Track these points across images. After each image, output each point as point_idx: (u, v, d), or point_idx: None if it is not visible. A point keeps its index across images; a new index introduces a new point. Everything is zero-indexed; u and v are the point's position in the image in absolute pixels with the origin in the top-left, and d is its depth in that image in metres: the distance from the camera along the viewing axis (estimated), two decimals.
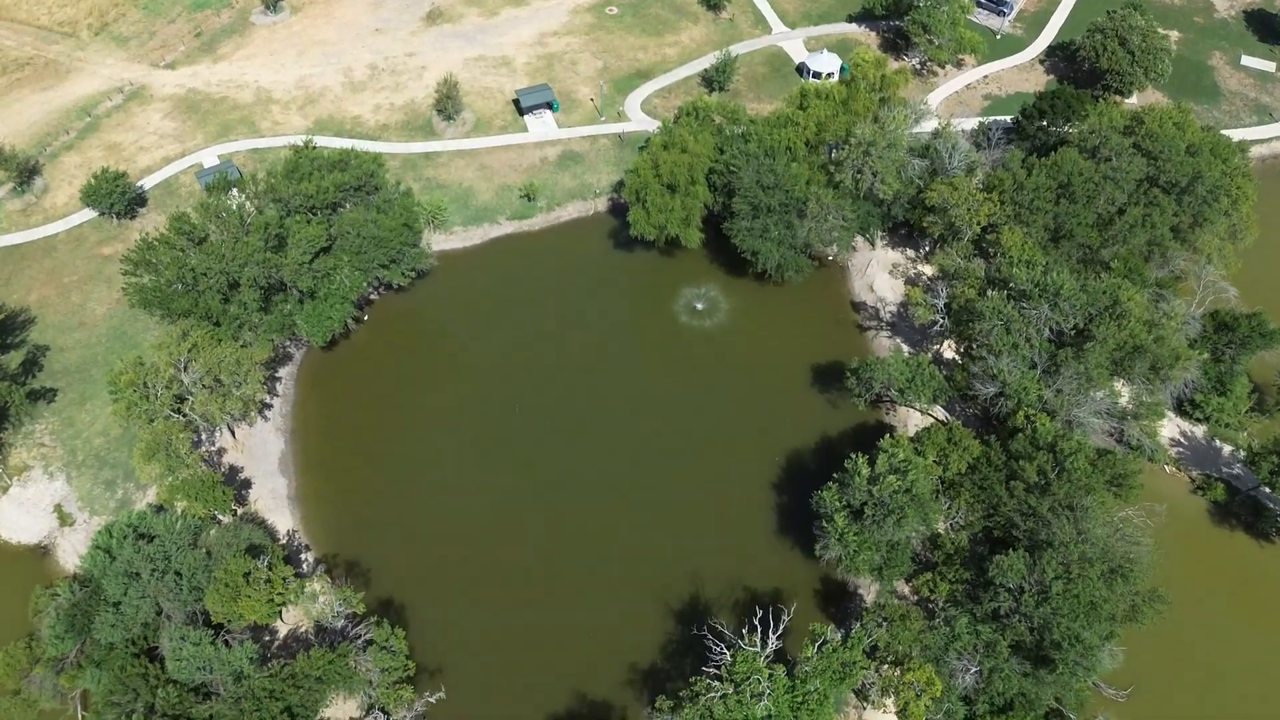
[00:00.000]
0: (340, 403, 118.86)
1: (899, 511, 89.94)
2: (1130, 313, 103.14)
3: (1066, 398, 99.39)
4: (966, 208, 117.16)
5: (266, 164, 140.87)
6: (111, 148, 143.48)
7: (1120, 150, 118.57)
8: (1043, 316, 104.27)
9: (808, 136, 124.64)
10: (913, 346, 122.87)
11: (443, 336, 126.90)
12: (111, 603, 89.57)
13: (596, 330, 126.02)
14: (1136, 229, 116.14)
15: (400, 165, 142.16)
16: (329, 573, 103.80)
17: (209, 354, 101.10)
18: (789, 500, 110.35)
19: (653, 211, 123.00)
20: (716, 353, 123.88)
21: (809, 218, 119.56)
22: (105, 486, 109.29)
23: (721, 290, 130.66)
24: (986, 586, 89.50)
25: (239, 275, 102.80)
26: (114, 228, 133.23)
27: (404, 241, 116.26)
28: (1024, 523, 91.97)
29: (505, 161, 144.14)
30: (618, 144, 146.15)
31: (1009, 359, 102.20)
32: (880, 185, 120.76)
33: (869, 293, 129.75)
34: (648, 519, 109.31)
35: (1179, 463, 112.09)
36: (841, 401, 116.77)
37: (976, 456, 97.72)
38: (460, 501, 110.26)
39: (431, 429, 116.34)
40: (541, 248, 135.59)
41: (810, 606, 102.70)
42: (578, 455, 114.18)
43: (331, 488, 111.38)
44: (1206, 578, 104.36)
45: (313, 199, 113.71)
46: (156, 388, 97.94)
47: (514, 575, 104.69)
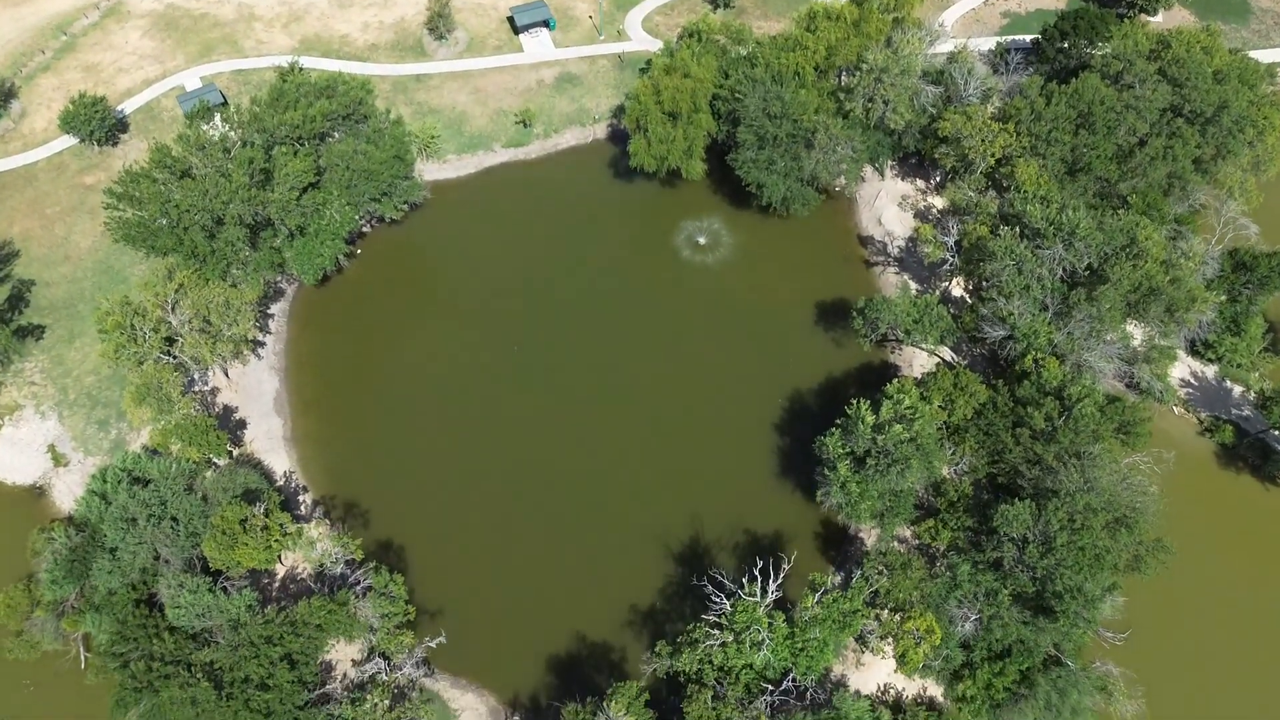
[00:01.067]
0: (335, 339, 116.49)
1: (903, 461, 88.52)
2: (1147, 252, 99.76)
3: (1077, 341, 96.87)
4: (980, 139, 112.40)
5: (251, 86, 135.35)
6: (89, 69, 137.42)
7: (1144, 77, 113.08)
8: (1056, 256, 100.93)
9: (817, 61, 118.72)
10: (921, 284, 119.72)
11: (438, 271, 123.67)
12: (108, 549, 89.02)
13: (595, 265, 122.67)
14: (1157, 162, 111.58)
15: (390, 89, 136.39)
16: (327, 514, 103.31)
17: (196, 294, 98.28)
18: (791, 442, 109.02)
19: (654, 142, 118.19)
20: (718, 289, 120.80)
21: (817, 149, 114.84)
22: (98, 426, 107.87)
23: (724, 223, 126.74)
24: (990, 535, 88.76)
25: (223, 213, 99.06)
26: (95, 155, 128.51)
27: (395, 174, 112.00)
28: (1029, 471, 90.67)
29: (500, 84, 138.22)
30: (618, 65, 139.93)
31: (1019, 301, 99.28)
32: (892, 115, 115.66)
33: (877, 226, 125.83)
34: (647, 460, 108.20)
35: (1188, 404, 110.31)
36: (846, 340, 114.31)
37: (983, 402, 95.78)
38: (458, 440, 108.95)
39: (428, 366, 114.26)
40: (538, 178, 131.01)
41: (811, 550, 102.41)
42: (577, 394, 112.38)
43: (328, 427, 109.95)
44: (1210, 521, 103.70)
45: (299, 129, 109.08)
46: (144, 330, 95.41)
47: (513, 516, 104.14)
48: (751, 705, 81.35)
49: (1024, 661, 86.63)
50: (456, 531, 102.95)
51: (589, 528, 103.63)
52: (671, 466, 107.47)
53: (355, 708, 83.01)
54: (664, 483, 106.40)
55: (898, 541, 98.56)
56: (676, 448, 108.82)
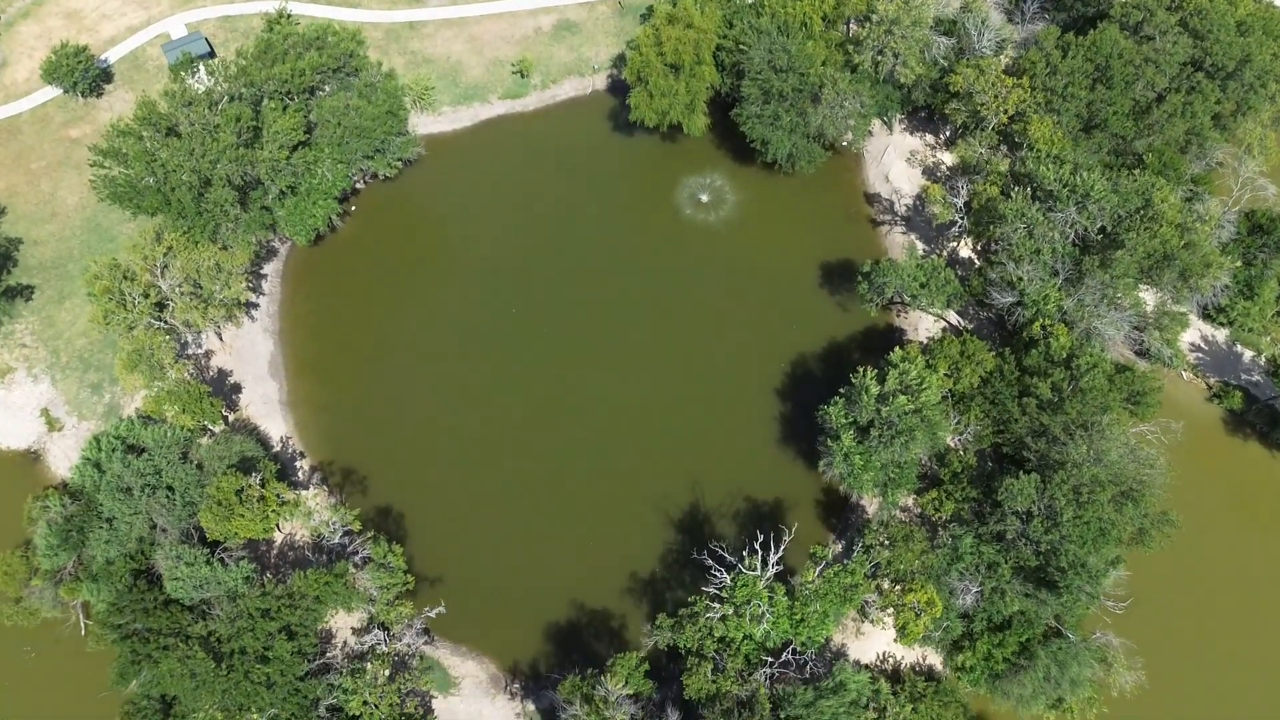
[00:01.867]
0: (329, 300, 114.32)
1: (907, 433, 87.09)
2: (1163, 215, 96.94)
3: (1087, 308, 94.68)
4: (993, 94, 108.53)
5: (238, 34, 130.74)
6: (71, 15, 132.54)
7: (1165, 28, 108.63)
8: (1069, 220, 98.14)
9: (825, 10, 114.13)
10: (928, 244, 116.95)
11: (433, 229, 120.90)
12: (105, 518, 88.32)
13: (595, 223, 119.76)
14: (1175, 118, 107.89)
15: (383, 37, 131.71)
16: (325, 481, 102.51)
17: (186, 257, 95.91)
18: (793, 407, 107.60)
19: (655, 95, 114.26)
20: (720, 249, 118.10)
21: (824, 104, 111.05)
22: (91, 390, 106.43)
23: (727, 179, 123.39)
24: (994, 507, 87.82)
25: (210, 173, 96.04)
26: (80, 107, 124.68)
27: (389, 130, 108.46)
28: (1035, 442, 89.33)
29: (496, 32, 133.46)
30: (618, 12, 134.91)
31: (1029, 266, 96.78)
32: (902, 69, 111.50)
33: (884, 183, 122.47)
34: (648, 424, 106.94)
35: (1197, 369, 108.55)
36: (851, 303, 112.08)
37: (989, 370, 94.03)
38: (456, 404, 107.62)
39: (425, 327, 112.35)
40: (535, 131, 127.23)
41: (812, 517, 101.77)
42: (576, 356, 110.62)
43: (324, 391, 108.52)
44: (1215, 488, 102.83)
45: (288, 83, 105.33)
46: (134, 296, 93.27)
47: (512, 481, 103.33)
48: (751, 677, 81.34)
49: (1024, 633, 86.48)
50: (456, 497, 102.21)
51: (589, 493, 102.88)
52: (672, 431, 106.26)
53: (355, 679, 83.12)
54: (664, 448, 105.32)
55: (899, 509, 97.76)
56: (677, 412, 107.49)
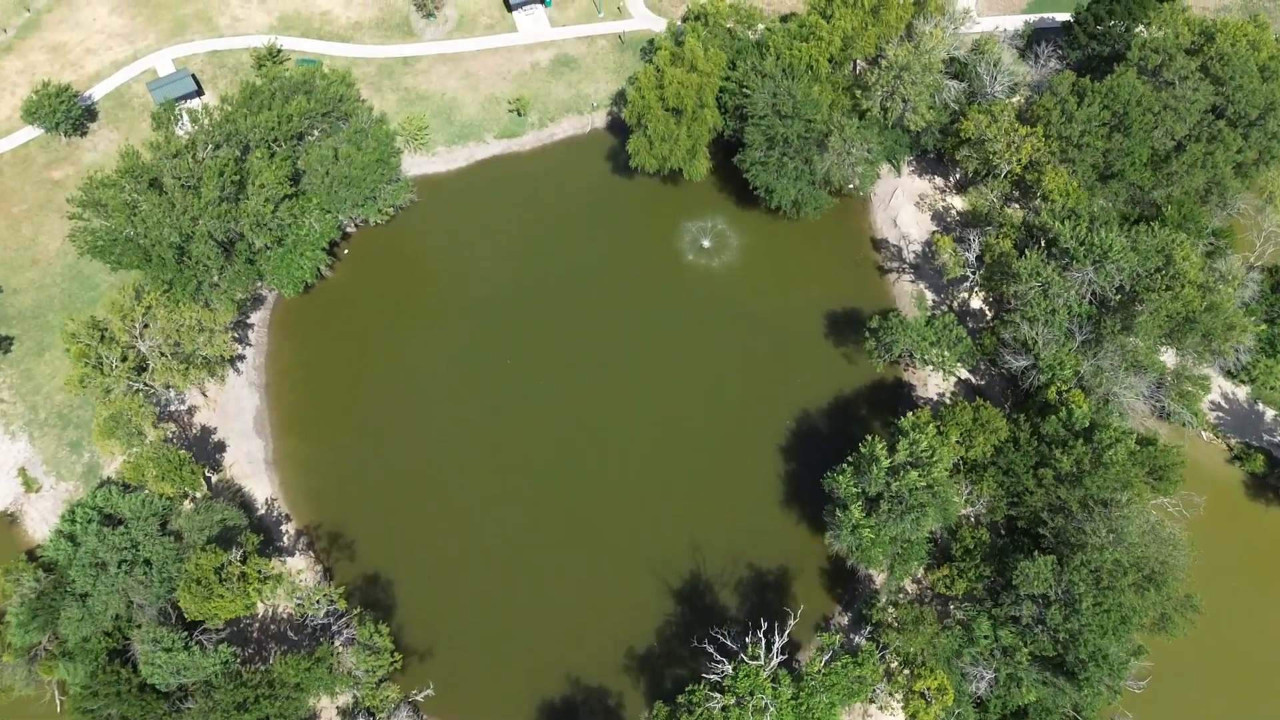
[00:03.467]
0: (318, 351, 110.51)
1: (919, 510, 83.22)
2: (1184, 275, 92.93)
3: (1106, 375, 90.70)
4: (1006, 143, 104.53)
5: (227, 69, 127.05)
6: (56, 49, 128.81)
7: (1185, 74, 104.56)
8: (1086, 279, 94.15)
9: (832, 52, 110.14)
10: (938, 294, 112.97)
11: (426, 276, 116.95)
12: (78, 594, 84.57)
13: (593, 270, 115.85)
14: (1195, 169, 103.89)
15: (375, 72, 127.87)
16: (311, 546, 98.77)
17: (166, 318, 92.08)
18: (798, 466, 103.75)
19: (655, 141, 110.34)
20: (724, 297, 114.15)
21: (830, 151, 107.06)
22: (70, 448, 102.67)
23: (730, 223, 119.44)
24: (1008, 588, 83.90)
25: (192, 230, 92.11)
26: (63, 147, 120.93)
27: (380, 178, 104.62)
28: (1052, 519, 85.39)
29: (492, 68, 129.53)
30: (618, 46, 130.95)
31: (1044, 327, 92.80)
32: (911, 115, 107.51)
33: (892, 228, 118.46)
34: (647, 483, 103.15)
35: (1217, 428, 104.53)
36: (858, 355, 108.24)
37: (1004, 439, 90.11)
38: (447, 463, 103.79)
39: (416, 381, 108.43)
40: (532, 172, 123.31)
41: (817, 585, 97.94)
42: (572, 411, 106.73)
43: (311, 449, 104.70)
44: (1236, 557, 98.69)
45: (274, 130, 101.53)
46: (111, 360, 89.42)
47: (506, 546, 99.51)
48: None
49: None
50: (446, 562, 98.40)
51: (585, 559, 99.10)
52: (673, 492, 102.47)
53: None
54: (665, 509, 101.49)
55: (910, 580, 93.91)
56: (678, 471, 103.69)
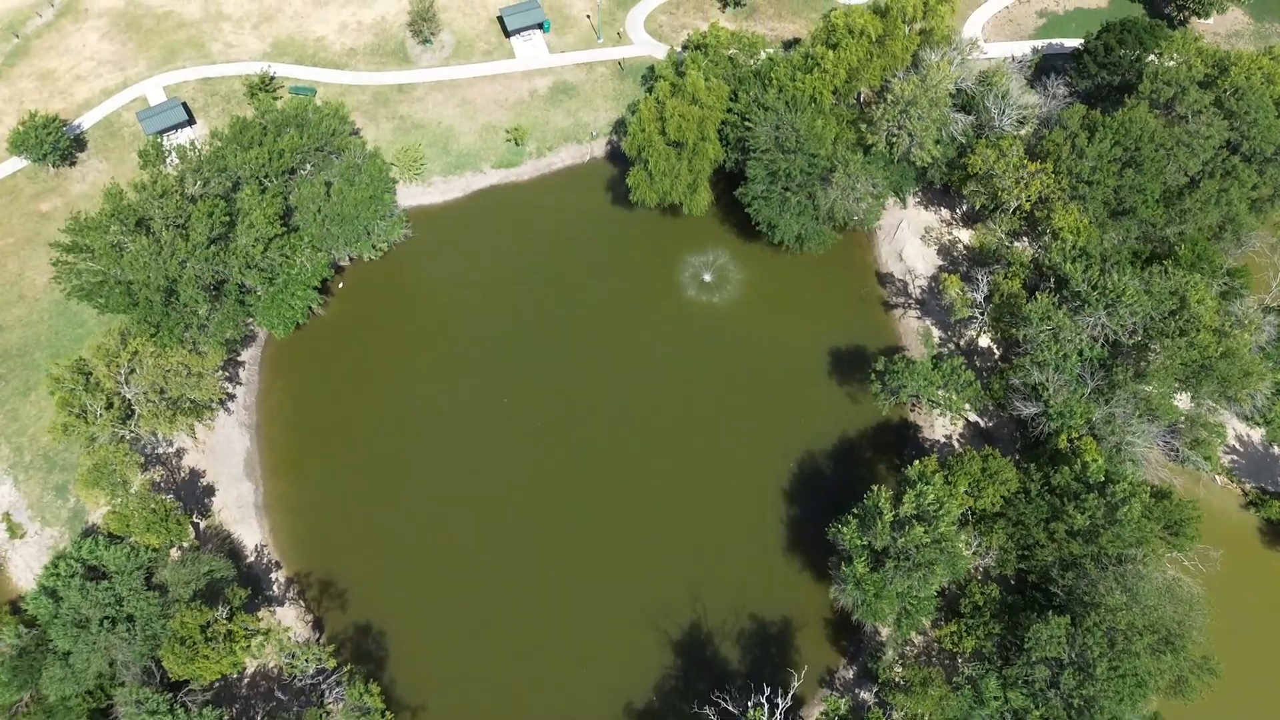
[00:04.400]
0: (310, 390, 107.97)
1: (926, 566, 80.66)
2: (1199, 319, 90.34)
3: (1119, 424, 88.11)
4: (1015, 179, 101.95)
5: (219, 97, 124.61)
6: (45, 77, 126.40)
7: (1199, 108, 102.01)
8: (1098, 323, 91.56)
9: (836, 84, 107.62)
10: (944, 330, 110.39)
11: (421, 311, 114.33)
12: (60, 653, 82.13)
13: (593, 305, 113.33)
14: (1209, 206, 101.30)
15: (370, 100, 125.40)
16: (301, 595, 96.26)
17: (153, 364, 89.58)
18: (801, 511, 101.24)
19: (656, 175, 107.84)
20: (725, 334, 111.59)
21: (834, 186, 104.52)
22: (56, 493, 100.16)
23: (732, 257, 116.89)
24: (1019, 648, 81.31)
25: (179, 274, 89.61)
26: (51, 178, 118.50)
27: (374, 215, 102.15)
28: (1064, 575, 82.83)
29: (490, 95, 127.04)
30: (618, 74, 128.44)
31: (1055, 374, 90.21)
32: (917, 151, 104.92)
33: (897, 262, 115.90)
34: (647, 529, 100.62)
35: (1231, 473, 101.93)
36: (862, 395, 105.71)
37: (1014, 490, 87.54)
38: (441, 508, 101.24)
39: (410, 421, 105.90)
40: (530, 203, 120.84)
41: (821, 636, 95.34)
42: (570, 453, 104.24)
43: (302, 492, 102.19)
44: (1253, 606, 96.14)
45: (265, 167, 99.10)
46: (96, 409, 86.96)
47: (501, 593, 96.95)
48: None
49: None
50: (440, 612, 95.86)
51: (583, 608, 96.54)
52: (673, 537, 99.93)
53: None
54: (665, 556, 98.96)
55: (917, 633, 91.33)
56: (678, 516, 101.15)
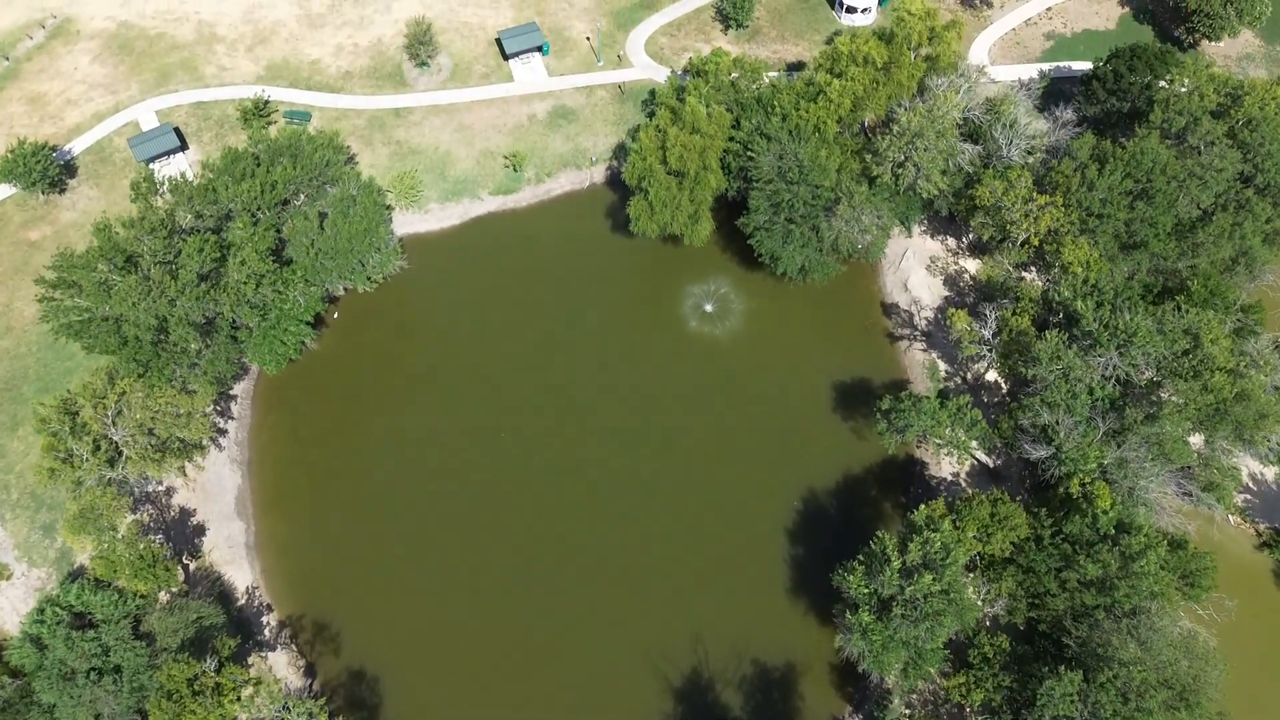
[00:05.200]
0: (304, 426, 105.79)
1: (934, 617, 78.47)
2: (1213, 360, 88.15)
3: (1132, 469, 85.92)
4: (1023, 212, 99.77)
5: (212, 121, 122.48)
6: (35, 100, 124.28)
7: (1212, 139, 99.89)
8: (1110, 364, 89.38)
9: (841, 114, 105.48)
10: (951, 364, 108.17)
11: (417, 343, 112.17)
12: (44, 706, 79.99)
13: (592, 337, 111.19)
14: (1222, 240, 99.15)
15: (366, 125, 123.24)
16: (294, 638, 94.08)
17: (141, 406, 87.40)
18: (805, 552, 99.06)
19: (656, 206, 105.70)
20: (727, 367, 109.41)
21: (838, 218, 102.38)
22: (43, 532, 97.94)
23: (734, 286, 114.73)
24: (1030, 704, 79.11)
25: (168, 314, 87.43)
26: (40, 205, 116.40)
27: (368, 247, 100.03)
28: (1076, 627, 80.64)
29: (487, 120, 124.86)
30: (618, 97, 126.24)
31: (1065, 416, 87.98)
32: (924, 183, 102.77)
33: (902, 292, 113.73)
34: (647, 566, 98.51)
35: (1244, 512, 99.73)
36: (867, 430, 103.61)
37: (1024, 537, 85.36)
38: (437, 547, 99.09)
39: (406, 457, 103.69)
40: (528, 231, 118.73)
41: (826, 682, 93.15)
42: (568, 490, 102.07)
43: (295, 531, 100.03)
44: (1267, 651, 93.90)
45: (257, 199, 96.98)
46: (82, 454, 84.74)
47: (501, 632, 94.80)
48: None
49: None
50: (437, 655, 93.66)
51: (583, 652, 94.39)
52: (673, 577, 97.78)
53: None
54: (665, 596, 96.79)
55: (924, 682, 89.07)
56: (679, 555, 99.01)
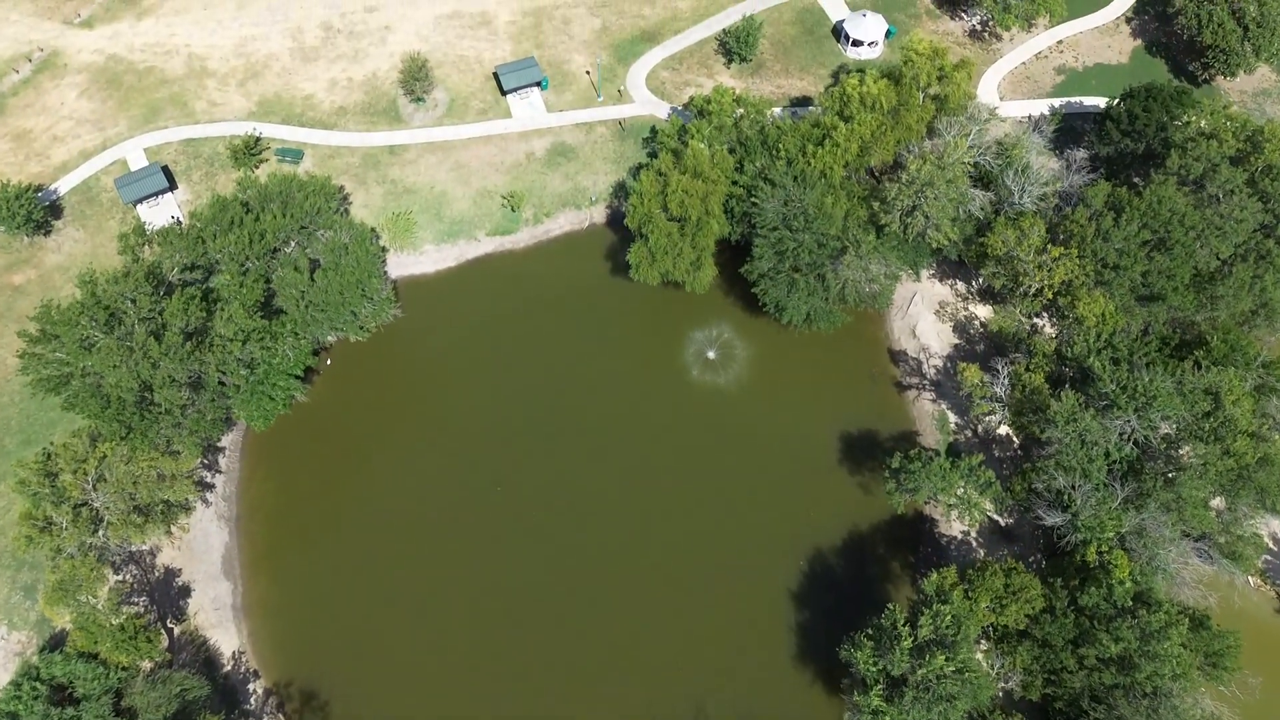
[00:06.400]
0: (294, 479, 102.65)
1: (946, 701, 75.32)
2: (1234, 422, 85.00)
3: (1151, 538, 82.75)
4: (1036, 264, 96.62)
5: (202, 160, 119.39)
6: (20, 138, 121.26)
7: (1232, 188, 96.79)
8: (1129, 427, 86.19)
9: (847, 159, 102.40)
10: (961, 415, 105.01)
11: (412, 391, 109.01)
12: None
13: (591, 386, 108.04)
14: (1242, 293, 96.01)
15: (360, 163, 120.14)
16: (281, 708, 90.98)
17: (123, 471, 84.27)
18: (810, 615, 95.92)
19: (658, 254, 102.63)
20: (730, 417, 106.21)
21: (846, 267, 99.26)
22: (24, 593, 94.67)
23: (737, 332, 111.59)
24: None
25: (151, 377, 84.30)
26: (25, 248, 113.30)
27: (360, 299, 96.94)
28: (1094, 710, 77.45)
29: (485, 158, 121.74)
30: (618, 134, 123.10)
31: (1081, 481, 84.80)
32: (933, 233, 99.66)
33: (910, 338, 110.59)
34: (646, 630, 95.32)
35: (1265, 574, 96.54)
36: (874, 485, 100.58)
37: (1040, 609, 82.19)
38: (433, 608, 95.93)
39: (400, 515, 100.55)
40: (527, 273, 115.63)
41: None
42: (567, 550, 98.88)
43: (284, 592, 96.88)
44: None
45: (245, 251, 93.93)
46: (63, 524, 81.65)
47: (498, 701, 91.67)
48: None
49: None
50: None
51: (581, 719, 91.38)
52: (674, 642, 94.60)
53: None
54: (666, 663, 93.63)
55: None
56: (680, 617, 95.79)
